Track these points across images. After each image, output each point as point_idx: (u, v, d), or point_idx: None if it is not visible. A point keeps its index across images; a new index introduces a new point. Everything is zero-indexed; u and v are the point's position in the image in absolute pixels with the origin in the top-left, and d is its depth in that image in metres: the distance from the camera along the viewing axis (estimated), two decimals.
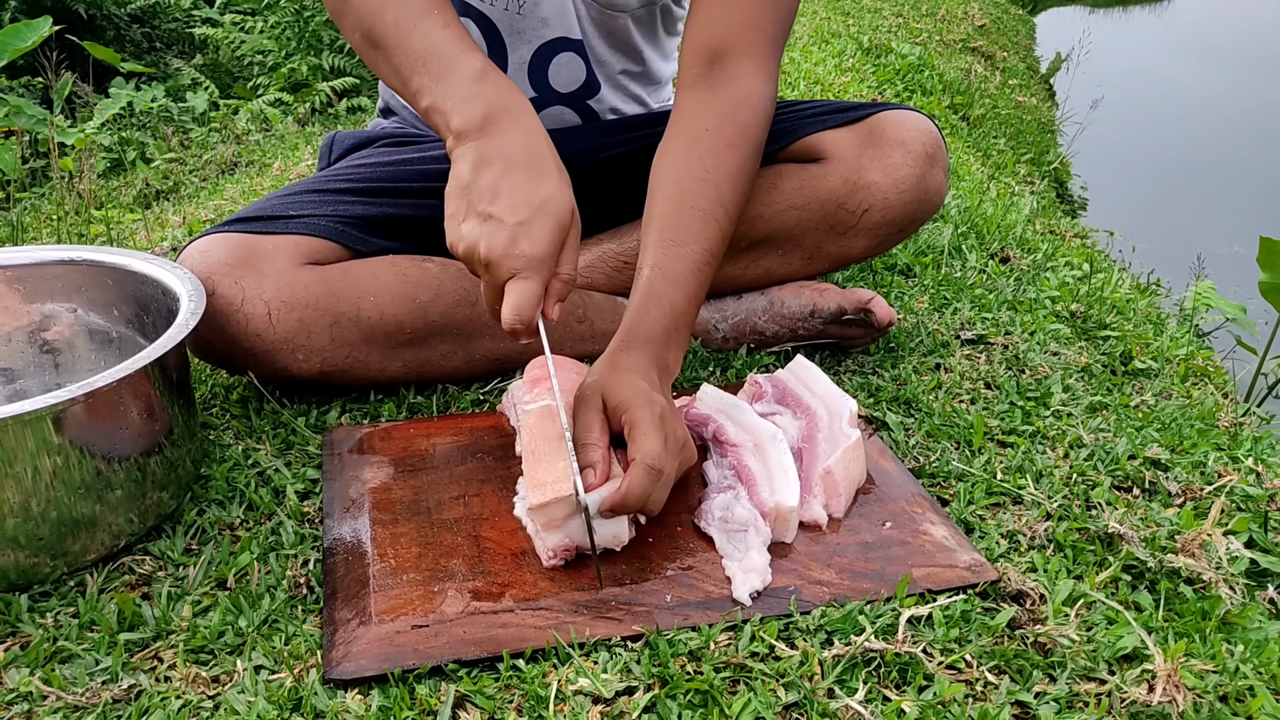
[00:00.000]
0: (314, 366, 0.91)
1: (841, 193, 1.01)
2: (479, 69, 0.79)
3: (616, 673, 0.64)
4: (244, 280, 0.89)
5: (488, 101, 0.77)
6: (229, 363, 0.92)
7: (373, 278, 0.93)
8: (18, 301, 0.89)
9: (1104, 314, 1.23)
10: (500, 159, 0.75)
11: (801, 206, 1.02)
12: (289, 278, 0.90)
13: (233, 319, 0.88)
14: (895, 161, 1.00)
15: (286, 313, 0.89)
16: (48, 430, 0.68)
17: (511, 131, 0.77)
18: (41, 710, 0.61)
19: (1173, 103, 5.64)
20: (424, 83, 0.80)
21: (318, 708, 0.61)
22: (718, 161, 0.87)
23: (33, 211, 2.08)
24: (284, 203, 0.97)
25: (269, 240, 0.92)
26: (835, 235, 1.03)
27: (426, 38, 0.80)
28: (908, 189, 1.01)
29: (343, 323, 0.91)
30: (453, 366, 0.98)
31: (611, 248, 1.07)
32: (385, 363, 0.95)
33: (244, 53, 4.19)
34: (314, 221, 0.95)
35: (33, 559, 0.71)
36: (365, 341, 0.92)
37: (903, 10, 4.34)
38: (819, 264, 1.06)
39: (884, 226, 1.02)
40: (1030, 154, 3.26)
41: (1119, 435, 0.93)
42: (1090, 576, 0.73)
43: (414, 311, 0.94)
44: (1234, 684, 0.64)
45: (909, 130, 1.01)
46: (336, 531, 0.77)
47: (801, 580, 0.72)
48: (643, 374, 0.78)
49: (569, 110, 1.09)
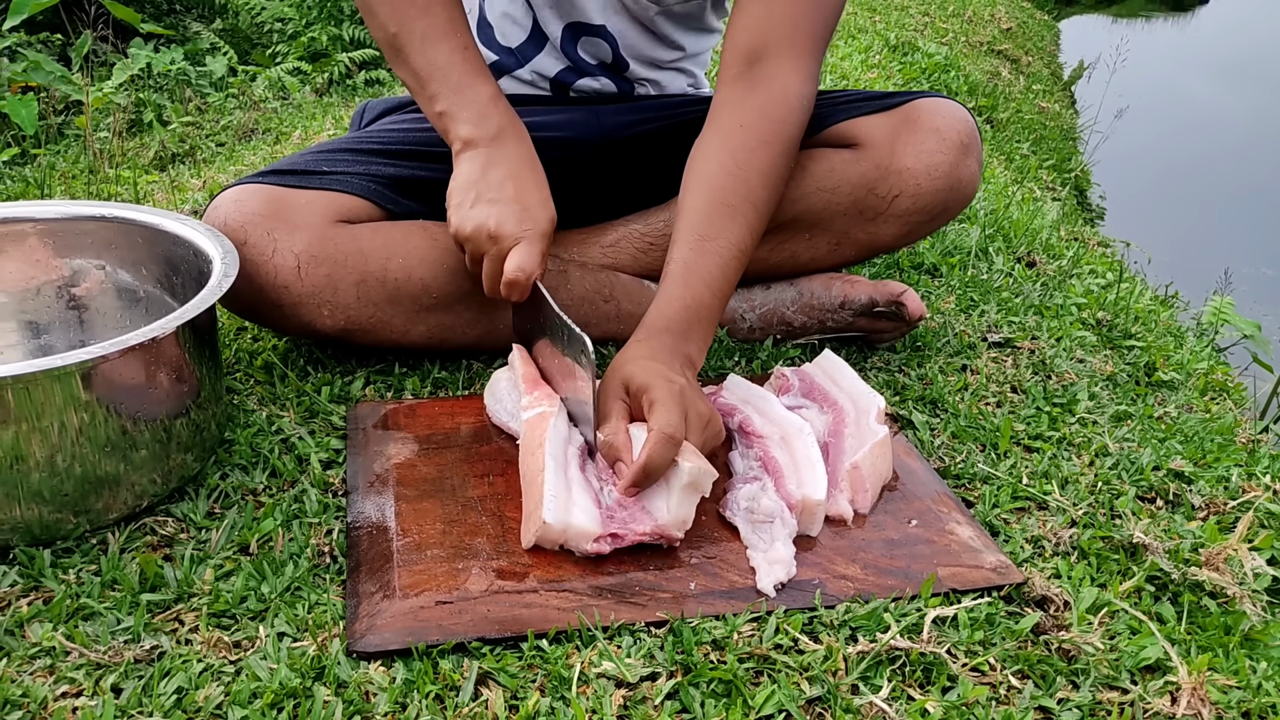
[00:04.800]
0: (338, 323, 0.92)
1: (873, 177, 0.99)
2: (492, 93, 0.89)
3: (640, 658, 0.64)
4: (276, 232, 0.89)
5: (499, 121, 0.88)
6: (255, 313, 0.92)
7: (403, 239, 0.93)
8: (48, 255, 0.89)
9: (1128, 324, 1.23)
10: (506, 165, 0.87)
11: (831, 190, 1.01)
12: (320, 233, 0.90)
13: (263, 269, 0.89)
14: (929, 148, 0.98)
15: (315, 267, 0.89)
16: (76, 386, 0.68)
17: (516, 148, 0.88)
18: (64, 666, 0.61)
19: (1193, 116, 5.62)
20: (441, 90, 0.89)
21: (341, 678, 0.61)
22: (750, 158, 0.88)
23: (50, 169, 2.07)
24: (317, 159, 0.97)
25: (302, 195, 0.92)
26: (864, 221, 1.02)
27: (450, 55, 0.89)
28: (940, 176, 0.99)
29: (369, 281, 0.92)
30: (475, 335, 0.99)
31: (638, 229, 1.06)
32: (409, 325, 0.95)
33: (264, 19, 4.17)
34: (347, 179, 0.96)
35: (56, 515, 0.70)
36: (390, 302, 0.93)
37: (930, 9, 4.31)
38: (846, 250, 1.05)
39: (914, 214, 1.00)
40: (1053, 160, 3.25)
41: (1143, 446, 0.93)
42: (1114, 585, 0.73)
43: (441, 276, 0.94)
44: (1257, 700, 0.64)
45: (944, 118, 1.00)
46: (361, 505, 0.77)
47: (826, 574, 0.71)
48: (664, 361, 0.79)
49: (605, 78, 1.09)
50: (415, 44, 0.88)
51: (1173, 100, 5.95)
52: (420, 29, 0.88)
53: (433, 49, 0.88)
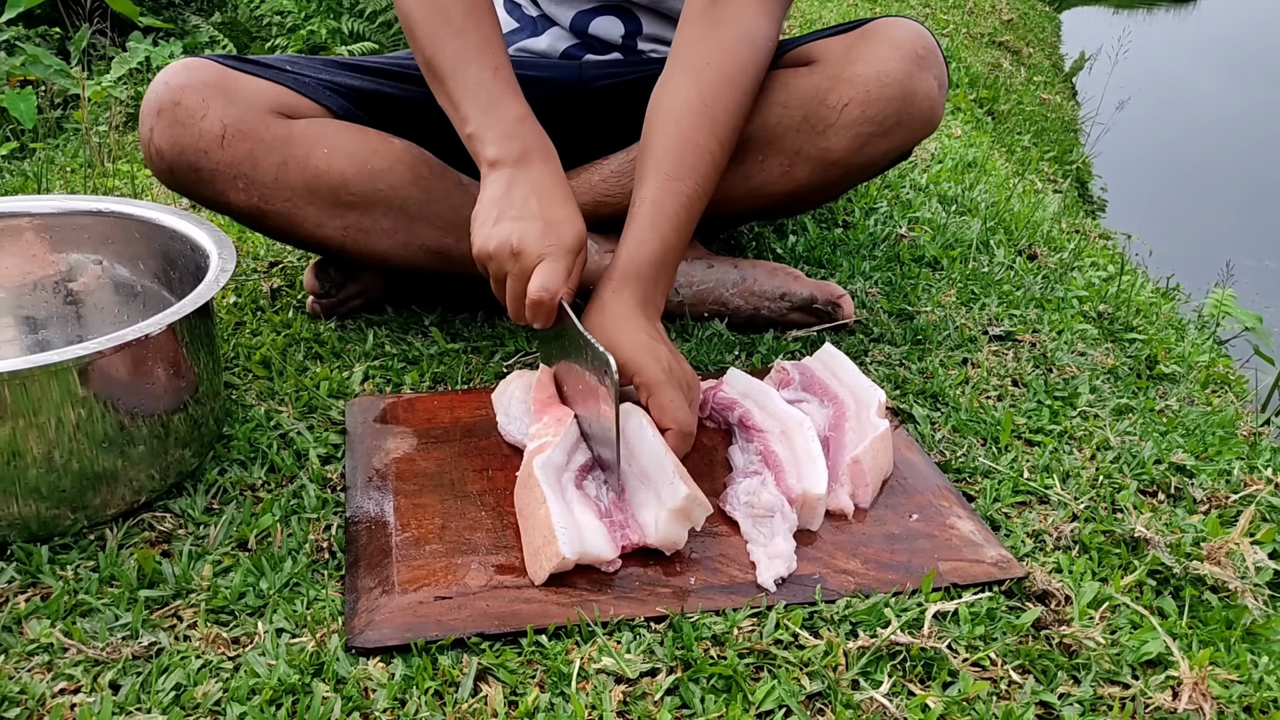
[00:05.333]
0: (251, 201, 0.93)
1: (824, 88, 0.98)
2: (521, 114, 0.87)
3: (640, 653, 0.63)
4: (212, 100, 0.90)
5: (525, 142, 0.86)
6: (171, 176, 0.93)
7: (335, 132, 0.94)
8: (45, 250, 0.88)
9: (1130, 317, 1.22)
10: (530, 183, 0.84)
11: (784, 103, 0.99)
12: (255, 114, 0.91)
13: (189, 130, 0.90)
14: (881, 55, 0.97)
15: (240, 141, 0.90)
16: (73, 381, 0.68)
17: (541, 168, 0.86)
18: (63, 662, 0.61)
19: (1194, 108, 5.60)
20: (470, 112, 0.87)
21: (339, 674, 0.61)
22: (717, 96, 0.88)
23: (48, 163, 2.06)
24: (282, 59, 0.98)
25: (253, 80, 0.93)
26: (815, 135, 0.99)
27: (480, 75, 0.88)
28: (891, 83, 0.96)
29: (290, 165, 0.92)
30: (389, 245, 0.98)
31: (610, 166, 1.06)
32: (322, 219, 0.95)
33: (262, 12, 4.15)
34: (303, 80, 0.96)
35: (53, 510, 0.70)
36: (308, 191, 0.93)
37: (930, 1, 4.29)
38: (799, 169, 1.01)
39: (864, 123, 0.97)
40: (1054, 152, 3.24)
41: (1145, 439, 0.92)
42: (1115, 579, 0.73)
43: (362, 174, 0.94)
44: (1259, 695, 0.64)
45: (899, 30, 0.98)
46: (359, 500, 0.76)
47: (827, 569, 0.71)
48: (639, 319, 0.83)
49: (616, 54, 1.10)
50: (448, 68, 0.88)
51: (1174, 92, 5.93)
52: (452, 51, 0.88)
53: (464, 71, 0.88)
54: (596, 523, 0.70)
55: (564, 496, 0.72)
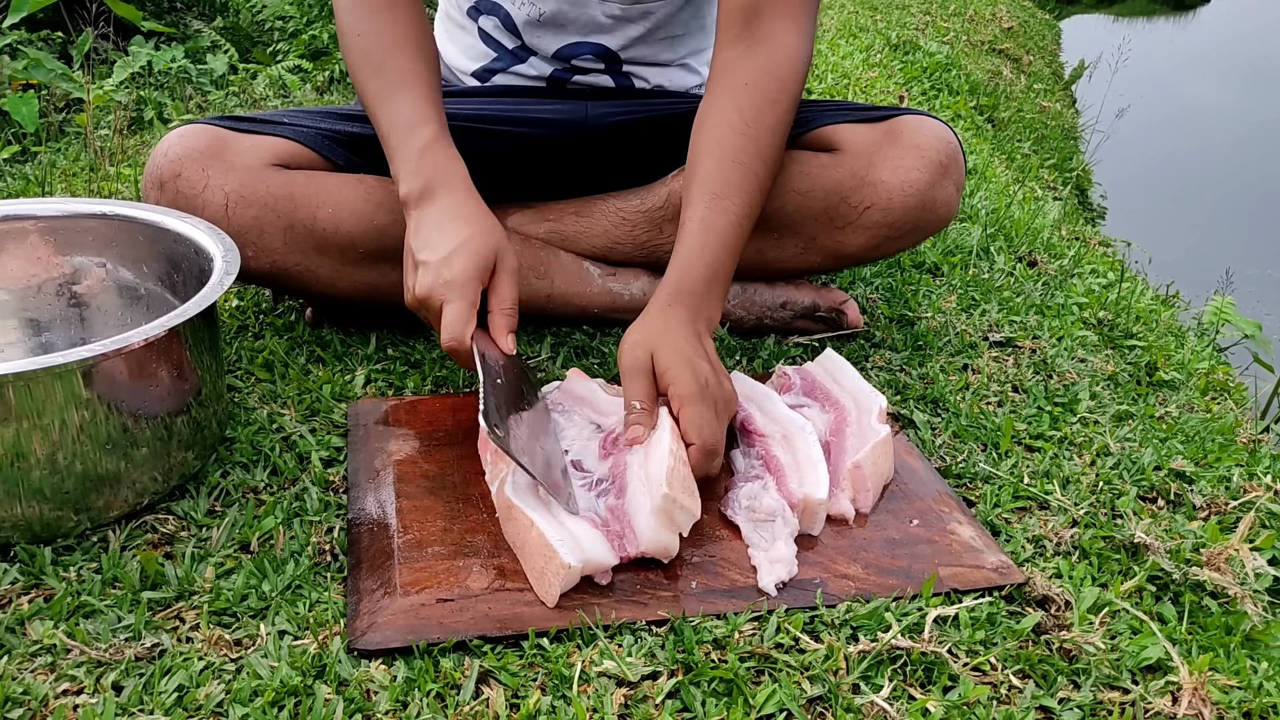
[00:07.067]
0: (263, 265, 0.94)
1: (847, 185, 0.99)
2: (424, 143, 0.87)
3: (641, 656, 0.64)
4: (210, 169, 0.91)
5: (425, 175, 0.86)
6: None
7: (335, 190, 0.95)
8: (49, 253, 0.89)
9: (1130, 323, 1.23)
10: (433, 219, 0.84)
11: (805, 192, 1.00)
12: (254, 175, 0.92)
13: (191, 204, 0.91)
14: (907, 164, 0.98)
15: (244, 208, 0.91)
16: (77, 384, 0.68)
17: (445, 198, 0.85)
18: (65, 663, 0.61)
19: (1194, 116, 5.61)
20: (391, 149, 0.89)
21: (342, 676, 0.61)
22: (758, 116, 0.89)
23: (50, 167, 2.07)
24: (277, 114, 0.99)
25: (247, 138, 0.94)
26: (833, 228, 1.01)
27: (394, 111, 0.89)
28: (913, 194, 0.98)
29: (297, 229, 0.93)
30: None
31: (615, 203, 1.07)
32: (335, 278, 0.96)
33: (265, 17, 4.16)
34: (296, 129, 0.97)
35: (56, 512, 0.70)
36: (318, 252, 0.94)
37: (931, 8, 4.31)
38: (811, 256, 1.04)
39: (883, 228, 1.00)
40: (1054, 159, 3.25)
41: (1144, 445, 0.93)
42: (1115, 585, 0.73)
43: (369, 232, 0.95)
44: (1259, 701, 0.64)
45: (926, 135, 1.00)
46: (361, 503, 0.77)
47: (827, 573, 0.71)
48: (687, 332, 0.81)
49: (603, 77, 1.10)
50: (372, 108, 0.90)
51: (1174, 100, 5.95)
52: (374, 90, 0.90)
53: (384, 108, 0.89)
54: (592, 531, 0.70)
55: (549, 510, 0.71)
